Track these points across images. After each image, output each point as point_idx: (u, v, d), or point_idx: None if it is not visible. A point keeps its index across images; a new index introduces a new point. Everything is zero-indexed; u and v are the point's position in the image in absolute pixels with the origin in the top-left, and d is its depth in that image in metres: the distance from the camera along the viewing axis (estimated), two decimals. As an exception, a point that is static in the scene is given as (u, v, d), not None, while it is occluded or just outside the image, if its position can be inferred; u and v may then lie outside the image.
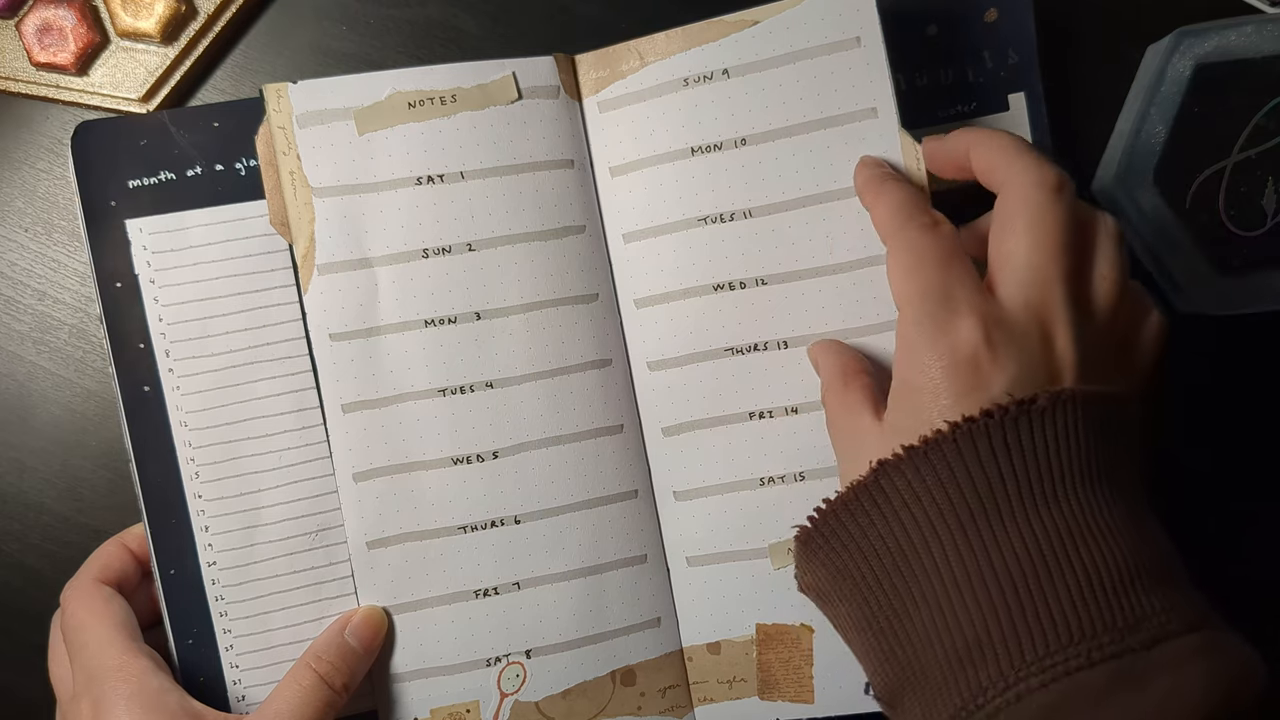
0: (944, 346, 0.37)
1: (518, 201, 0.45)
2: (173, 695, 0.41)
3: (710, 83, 0.45)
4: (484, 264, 0.45)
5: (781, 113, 0.44)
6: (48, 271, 0.52)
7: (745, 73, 0.44)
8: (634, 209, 0.46)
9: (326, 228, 0.44)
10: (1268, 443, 0.51)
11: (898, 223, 0.40)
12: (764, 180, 0.44)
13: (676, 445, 0.46)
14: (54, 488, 0.51)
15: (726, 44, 0.44)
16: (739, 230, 0.44)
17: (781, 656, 0.45)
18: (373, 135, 0.44)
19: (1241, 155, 0.48)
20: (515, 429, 0.45)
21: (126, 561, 0.45)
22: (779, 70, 0.44)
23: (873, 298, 0.44)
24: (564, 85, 0.46)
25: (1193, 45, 0.47)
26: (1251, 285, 0.48)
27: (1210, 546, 0.51)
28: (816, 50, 0.44)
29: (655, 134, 0.45)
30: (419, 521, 0.44)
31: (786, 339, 0.44)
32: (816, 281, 0.44)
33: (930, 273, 0.38)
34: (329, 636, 0.43)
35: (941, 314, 0.37)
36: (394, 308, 0.44)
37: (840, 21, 0.43)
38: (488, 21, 0.52)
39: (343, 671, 0.42)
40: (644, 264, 0.46)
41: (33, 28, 0.50)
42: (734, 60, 0.44)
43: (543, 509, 0.45)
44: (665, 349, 0.45)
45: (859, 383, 0.41)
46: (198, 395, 0.44)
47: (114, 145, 0.44)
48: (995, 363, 0.37)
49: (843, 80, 0.44)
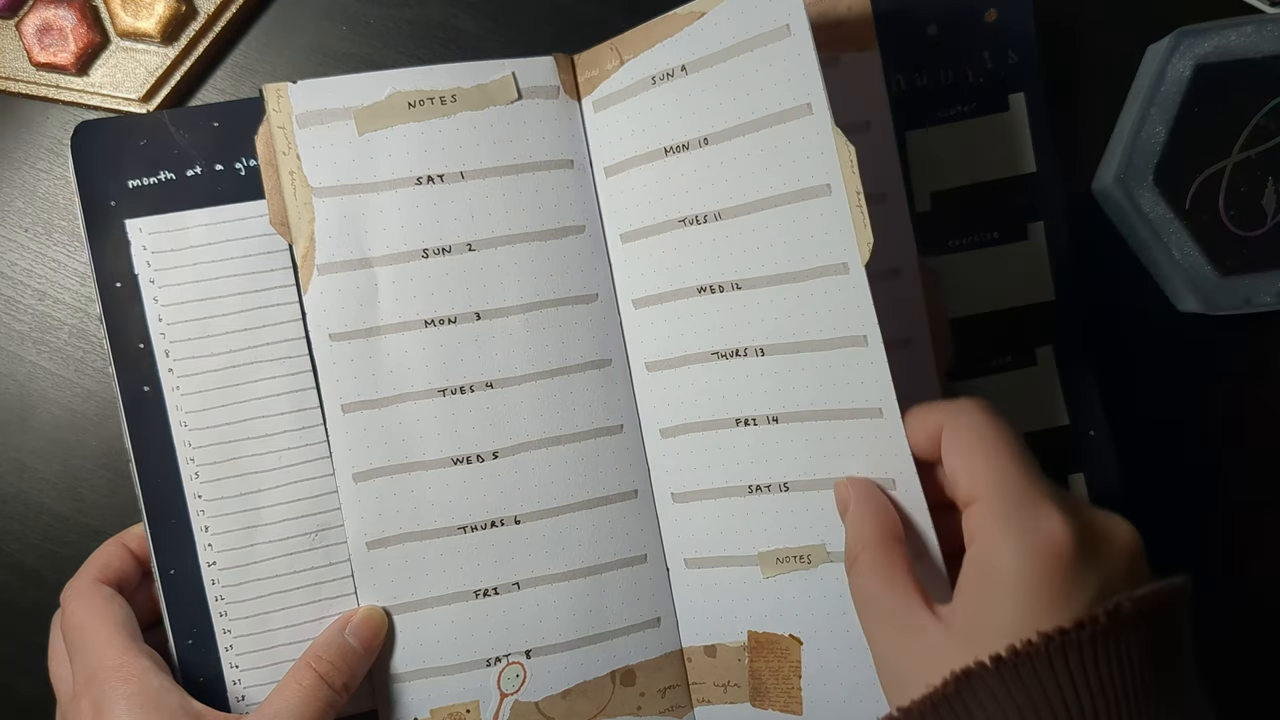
0: (1038, 543, 0.34)
1: (518, 201, 0.45)
2: (173, 695, 0.41)
3: (672, 80, 0.43)
4: (484, 264, 0.45)
5: (734, 110, 0.42)
6: (48, 271, 0.52)
7: (699, 68, 0.43)
8: (627, 209, 0.45)
9: (326, 228, 0.44)
10: (1268, 442, 0.51)
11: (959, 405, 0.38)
12: (727, 181, 0.43)
13: (673, 447, 0.46)
14: (54, 488, 0.51)
15: (682, 38, 0.43)
16: (712, 233, 0.43)
17: (771, 665, 0.45)
18: (372, 135, 0.44)
19: (1241, 155, 0.48)
20: (515, 429, 0.45)
21: (127, 561, 0.45)
22: (726, 65, 0.42)
23: (842, 308, 0.41)
24: (563, 85, 0.46)
25: (1193, 45, 0.47)
26: (1251, 285, 0.48)
27: (1210, 546, 0.51)
28: (754, 41, 0.41)
29: (635, 133, 0.45)
30: (418, 522, 0.44)
31: (763, 346, 0.43)
32: (785, 289, 0.42)
33: (1009, 459, 0.36)
34: (329, 636, 0.43)
35: (1029, 507, 0.35)
36: (394, 308, 0.44)
37: (771, 8, 0.41)
38: (488, 21, 0.52)
39: (343, 671, 0.42)
40: (639, 264, 0.46)
41: (33, 28, 0.50)
42: (689, 56, 0.43)
43: (542, 509, 0.45)
44: (661, 350, 0.45)
45: (900, 553, 0.37)
46: (197, 395, 0.44)
47: (114, 145, 0.44)
48: (1086, 565, 0.34)
49: (778, 74, 0.41)
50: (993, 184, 0.49)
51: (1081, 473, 0.48)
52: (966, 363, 0.48)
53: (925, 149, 0.49)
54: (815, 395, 0.42)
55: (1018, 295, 0.48)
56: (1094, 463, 0.48)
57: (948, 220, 0.48)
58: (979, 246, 0.49)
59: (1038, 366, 0.48)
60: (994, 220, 0.48)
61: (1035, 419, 0.48)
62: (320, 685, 0.41)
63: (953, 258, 0.48)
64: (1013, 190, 0.48)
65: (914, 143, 0.49)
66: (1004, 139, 0.48)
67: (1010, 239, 0.48)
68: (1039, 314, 0.48)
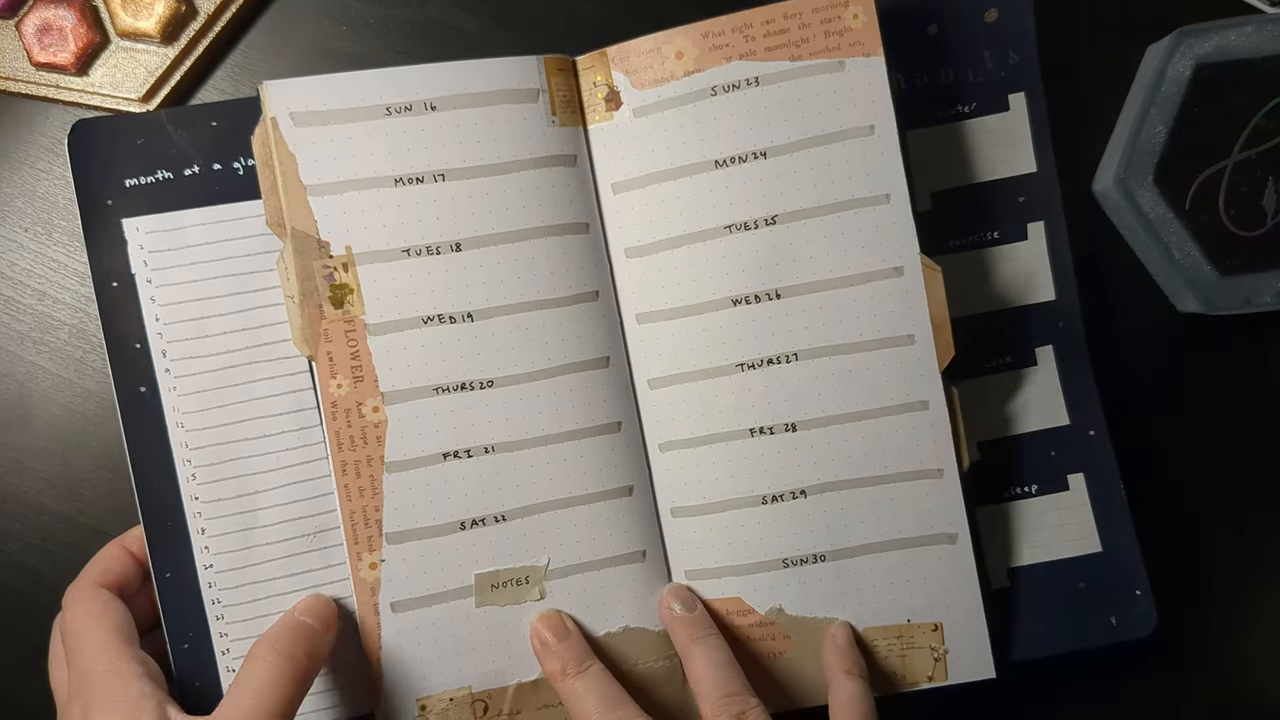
0: None
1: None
2: (150, 701, 0.40)
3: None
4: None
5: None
6: (48, 271, 0.52)
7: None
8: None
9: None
10: (1268, 442, 0.51)
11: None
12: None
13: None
14: (54, 488, 0.51)
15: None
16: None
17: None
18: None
19: (1241, 155, 0.47)
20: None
21: (128, 564, 0.45)
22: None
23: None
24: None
25: (1193, 45, 0.47)
26: (1251, 285, 0.48)
27: (1210, 546, 0.51)
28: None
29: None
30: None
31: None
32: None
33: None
34: (281, 623, 0.42)
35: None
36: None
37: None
38: (488, 21, 0.52)
39: (300, 644, 0.41)
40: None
41: (33, 28, 0.50)
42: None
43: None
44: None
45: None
46: (194, 396, 0.44)
47: (111, 144, 0.44)
48: None
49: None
50: (993, 184, 0.49)
51: (1082, 472, 0.48)
52: (967, 362, 0.48)
53: (926, 148, 0.49)
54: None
55: (1018, 295, 0.48)
56: (1094, 463, 0.48)
57: (948, 220, 0.48)
58: (979, 246, 0.49)
59: (1038, 366, 0.48)
60: (994, 220, 0.48)
61: (1035, 419, 0.48)
62: (281, 659, 0.40)
63: (953, 257, 0.48)
64: (1013, 190, 0.48)
65: (915, 142, 0.49)
66: (1004, 139, 0.48)
67: (1010, 239, 0.48)
68: (1039, 314, 0.48)
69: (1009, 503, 0.48)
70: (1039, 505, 0.48)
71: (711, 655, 0.44)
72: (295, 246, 0.43)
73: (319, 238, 0.44)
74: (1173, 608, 0.48)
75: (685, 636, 0.44)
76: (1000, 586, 0.48)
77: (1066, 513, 0.48)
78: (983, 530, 0.48)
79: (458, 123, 0.45)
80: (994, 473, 0.48)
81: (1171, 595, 0.48)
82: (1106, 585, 0.47)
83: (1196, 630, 0.50)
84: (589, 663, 0.44)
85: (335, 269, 0.44)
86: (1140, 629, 0.47)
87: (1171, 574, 0.49)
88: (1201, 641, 0.50)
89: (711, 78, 0.45)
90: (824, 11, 0.44)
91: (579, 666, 0.43)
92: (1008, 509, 0.48)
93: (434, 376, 0.44)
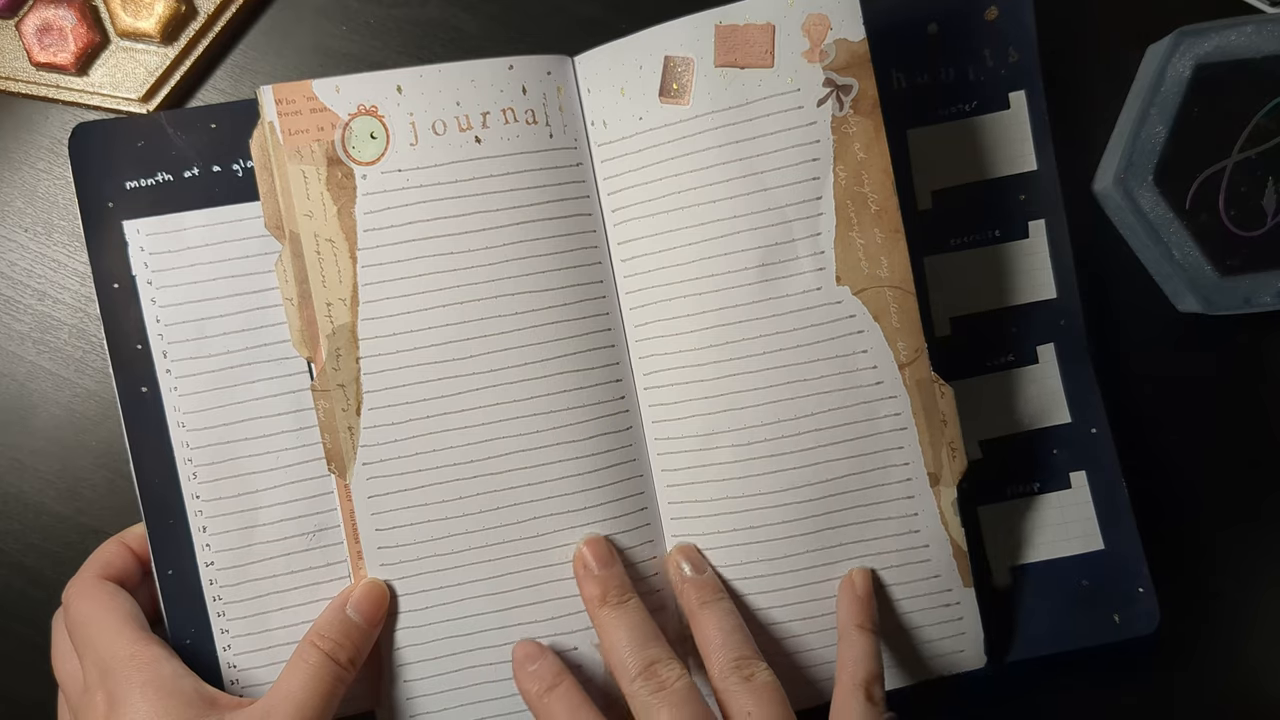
0: None
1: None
2: (187, 680, 0.41)
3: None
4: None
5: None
6: (48, 271, 0.52)
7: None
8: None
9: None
10: (1268, 442, 0.51)
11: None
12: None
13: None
14: (54, 488, 0.51)
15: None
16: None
17: None
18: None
19: (1241, 155, 0.47)
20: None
21: (128, 560, 0.45)
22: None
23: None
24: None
25: (1193, 45, 0.47)
26: (1251, 285, 0.48)
27: (1210, 546, 0.51)
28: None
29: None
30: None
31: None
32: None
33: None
34: (330, 614, 0.43)
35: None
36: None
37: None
38: (488, 21, 0.52)
39: (347, 646, 0.42)
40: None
41: (33, 28, 0.50)
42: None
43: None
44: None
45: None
46: (195, 396, 0.44)
47: (111, 146, 0.44)
48: None
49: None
50: (993, 182, 0.49)
51: (1082, 471, 0.48)
52: (967, 362, 0.48)
53: (926, 147, 0.49)
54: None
55: (1018, 294, 0.48)
56: (1094, 461, 0.48)
57: (949, 218, 0.48)
58: (980, 245, 0.49)
59: (1039, 365, 0.48)
60: (995, 218, 0.48)
61: (1036, 417, 0.48)
62: (327, 662, 0.41)
63: (954, 256, 0.48)
64: (1014, 188, 0.48)
65: (915, 141, 0.49)
66: (1005, 137, 0.48)
67: (1011, 237, 0.48)
68: (1039, 313, 0.48)
69: (1011, 501, 0.48)
70: (1041, 503, 0.48)
71: (722, 620, 0.43)
72: (294, 249, 0.43)
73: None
74: (1174, 606, 0.48)
75: (695, 599, 0.43)
76: (1003, 584, 0.48)
77: (1069, 510, 0.48)
78: (985, 528, 0.48)
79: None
80: (996, 471, 0.48)
81: (1173, 594, 0.48)
82: (1109, 583, 0.47)
83: (1198, 628, 0.50)
84: (629, 595, 0.43)
85: None
86: (1143, 626, 0.47)
87: (1172, 573, 0.49)
88: (1202, 640, 0.50)
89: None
90: None
91: (620, 596, 0.43)
92: (1010, 507, 0.48)
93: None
